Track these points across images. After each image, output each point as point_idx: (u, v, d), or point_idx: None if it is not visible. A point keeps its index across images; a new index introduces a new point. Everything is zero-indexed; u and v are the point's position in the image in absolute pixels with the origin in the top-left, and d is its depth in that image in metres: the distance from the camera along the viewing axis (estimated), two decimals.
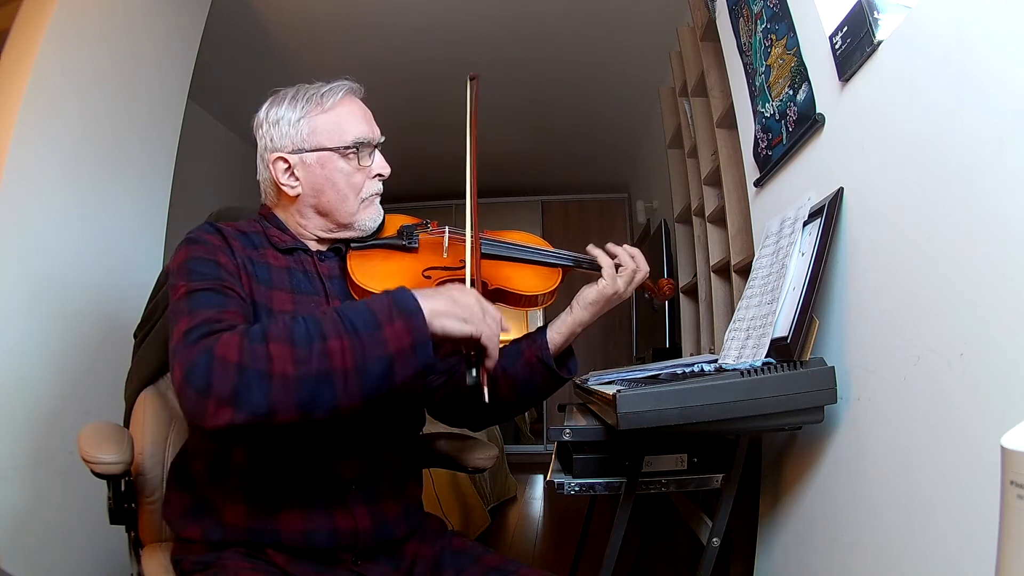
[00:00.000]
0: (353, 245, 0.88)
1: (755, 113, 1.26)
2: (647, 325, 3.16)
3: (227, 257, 0.76)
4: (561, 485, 1.05)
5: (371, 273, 0.83)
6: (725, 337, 1.07)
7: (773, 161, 1.16)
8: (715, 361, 1.04)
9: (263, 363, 0.60)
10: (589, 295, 0.87)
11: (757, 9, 1.24)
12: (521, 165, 4.32)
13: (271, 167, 0.83)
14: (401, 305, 0.64)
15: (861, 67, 0.86)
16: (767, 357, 0.88)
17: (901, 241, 0.77)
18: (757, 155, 1.26)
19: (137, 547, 0.91)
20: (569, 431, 1.05)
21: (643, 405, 0.82)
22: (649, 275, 0.93)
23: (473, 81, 0.90)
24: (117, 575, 1.51)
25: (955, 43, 0.67)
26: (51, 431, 1.47)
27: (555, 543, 2.41)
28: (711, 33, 1.80)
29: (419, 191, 4.50)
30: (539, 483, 3.61)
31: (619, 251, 0.90)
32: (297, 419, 0.61)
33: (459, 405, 0.94)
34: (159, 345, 1.02)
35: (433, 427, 1.04)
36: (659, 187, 3.25)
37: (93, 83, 1.67)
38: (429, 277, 0.85)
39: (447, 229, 0.91)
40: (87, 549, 1.53)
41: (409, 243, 0.89)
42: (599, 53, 2.85)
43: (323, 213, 0.85)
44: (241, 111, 1.37)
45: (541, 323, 0.93)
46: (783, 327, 0.88)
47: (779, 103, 1.13)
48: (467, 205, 0.83)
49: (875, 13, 0.82)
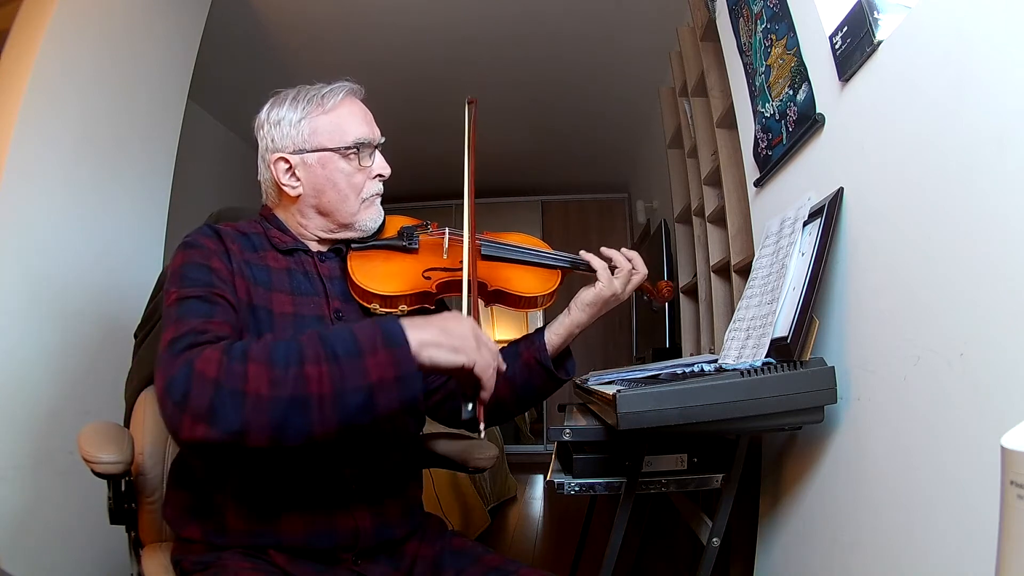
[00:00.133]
0: (353, 246, 0.88)
1: (755, 113, 1.26)
2: (647, 325, 3.16)
3: (221, 262, 0.76)
4: (561, 485, 1.05)
5: (371, 273, 0.84)
6: (725, 337, 1.07)
7: (773, 161, 1.16)
8: (715, 361, 1.04)
9: (239, 382, 0.59)
10: (587, 297, 0.88)
11: (757, 9, 1.24)
12: (521, 165, 4.32)
13: (272, 167, 0.83)
14: (387, 335, 0.63)
15: (861, 67, 0.86)
16: (767, 357, 0.88)
17: (901, 241, 0.77)
18: (757, 155, 1.26)
19: (137, 547, 0.91)
20: (569, 431, 1.05)
21: (643, 405, 0.82)
22: (648, 277, 0.93)
23: (471, 105, 0.91)
24: (117, 575, 1.52)
25: (955, 43, 0.67)
26: (51, 431, 1.47)
27: (555, 543, 2.41)
28: (711, 33, 1.80)
29: (419, 191, 4.50)
30: (539, 483, 3.62)
31: (614, 253, 0.91)
32: (268, 443, 0.60)
33: (458, 406, 0.94)
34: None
35: (433, 427, 1.04)
36: (659, 187, 3.25)
37: (93, 83, 1.67)
38: (429, 278, 0.85)
39: (447, 230, 0.92)
40: (87, 549, 1.53)
41: (409, 244, 0.89)
42: (599, 53, 2.85)
43: (324, 213, 0.85)
44: (241, 111, 1.37)
45: (542, 324, 0.93)
46: (783, 327, 0.88)
47: (779, 103, 1.13)
48: (464, 222, 0.83)
49: (875, 13, 0.82)
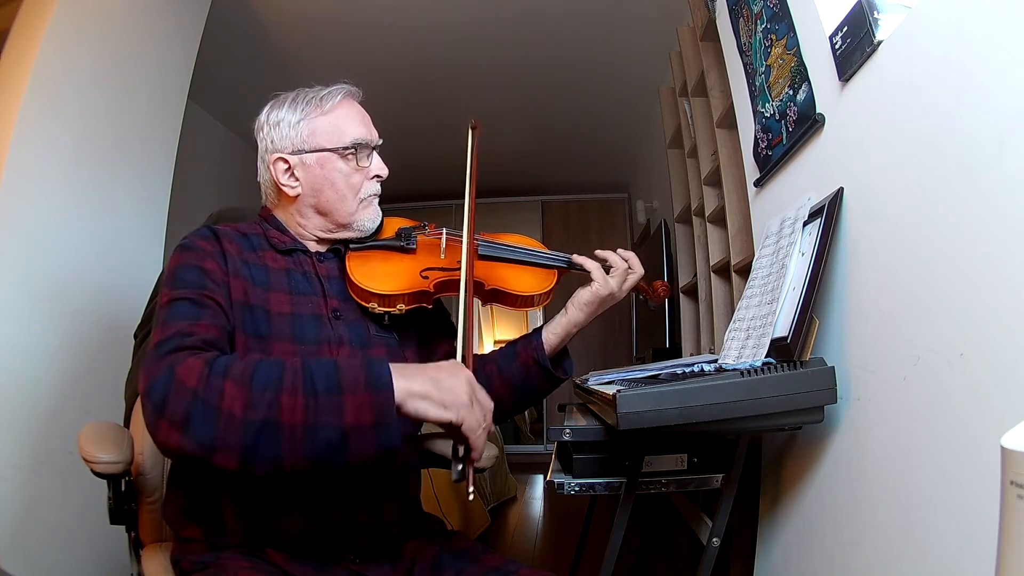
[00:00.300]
0: (352, 246, 0.88)
1: (755, 113, 1.26)
2: (647, 325, 3.16)
3: (215, 263, 0.76)
4: (561, 485, 1.05)
5: (369, 273, 0.84)
6: (725, 337, 1.07)
7: (773, 161, 1.16)
8: (715, 361, 1.04)
9: (215, 397, 0.59)
10: (584, 296, 0.89)
11: (757, 9, 1.24)
12: (521, 165, 4.32)
13: (271, 168, 0.84)
14: (371, 376, 0.61)
15: (861, 67, 0.86)
16: (767, 357, 0.88)
17: (901, 241, 0.76)
18: (757, 155, 1.26)
19: (137, 547, 0.91)
20: (569, 431, 1.05)
21: (643, 405, 0.82)
22: (644, 277, 0.93)
23: (475, 131, 0.91)
24: (117, 575, 1.52)
25: (955, 43, 0.67)
26: (51, 431, 1.48)
27: (555, 543, 2.41)
28: (711, 33, 1.80)
29: (419, 191, 4.50)
30: (539, 483, 3.62)
31: (608, 254, 0.91)
32: (237, 465, 0.59)
33: None
34: None
35: (432, 427, 1.04)
36: (659, 187, 3.25)
37: (93, 83, 1.67)
38: (427, 277, 0.86)
39: (444, 231, 0.93)
40: (87, 549, 1.53)
41: (407, 244, 0.89)
42: (599, 53, 2.85)
43: (322, 213, 0.85)
44: (241, 111, 1.37)
45: (541, 323, 0.93)
46: (783, 327, 0.88)
47: (779, 103, 1.13)
48: (463, 242, 0.84)
49: (875, 13, 0.82)
